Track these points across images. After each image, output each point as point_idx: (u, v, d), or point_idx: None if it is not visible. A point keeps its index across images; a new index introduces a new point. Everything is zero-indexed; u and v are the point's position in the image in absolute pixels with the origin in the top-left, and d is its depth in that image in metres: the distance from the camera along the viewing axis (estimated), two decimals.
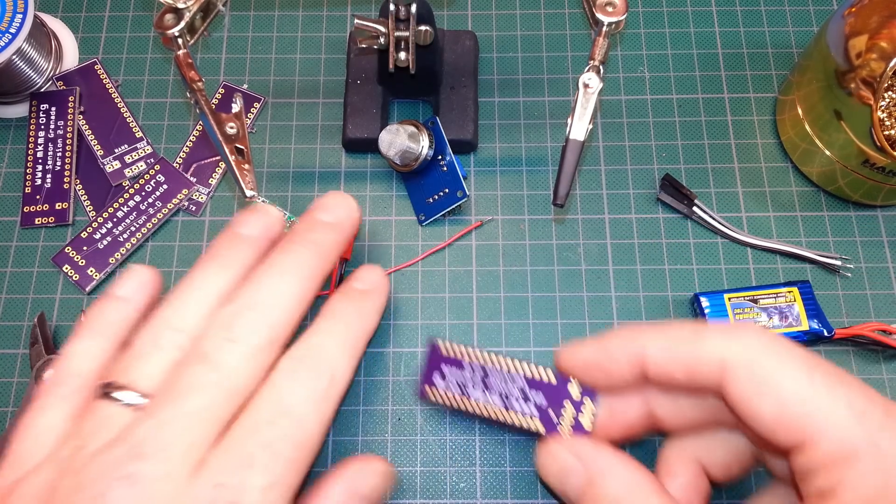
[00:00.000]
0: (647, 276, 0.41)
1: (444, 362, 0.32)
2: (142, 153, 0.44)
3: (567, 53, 0.47)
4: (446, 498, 0.37)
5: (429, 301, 0.41)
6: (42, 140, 0.44)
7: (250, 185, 0.33)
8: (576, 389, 0.31)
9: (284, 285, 0.27)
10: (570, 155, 0.32)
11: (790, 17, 0.47)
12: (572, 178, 0.32)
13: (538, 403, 0.31)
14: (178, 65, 0.31)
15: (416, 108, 0.45)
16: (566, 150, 0.32)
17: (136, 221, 0.42)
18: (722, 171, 0.44)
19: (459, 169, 0.41)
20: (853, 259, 0.42)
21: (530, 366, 0.32)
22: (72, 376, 0.27)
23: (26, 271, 0.42)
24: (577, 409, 0.30)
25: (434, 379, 0.32)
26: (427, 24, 0.38)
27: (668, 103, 0.45)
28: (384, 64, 0.40)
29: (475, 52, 0.45)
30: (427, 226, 0.43)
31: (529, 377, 0.31)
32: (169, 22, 0.30)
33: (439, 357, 0.33)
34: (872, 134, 0.36)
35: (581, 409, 0.30)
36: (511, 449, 0.38)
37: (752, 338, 0.25)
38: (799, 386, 0.24)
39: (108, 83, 0.46)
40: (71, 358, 0.28)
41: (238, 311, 0.27)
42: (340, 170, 0.44)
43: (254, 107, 0.45)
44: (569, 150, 0.32)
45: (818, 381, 0.24)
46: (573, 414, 0.30)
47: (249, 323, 0.26)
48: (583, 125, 0.32)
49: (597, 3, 0.31)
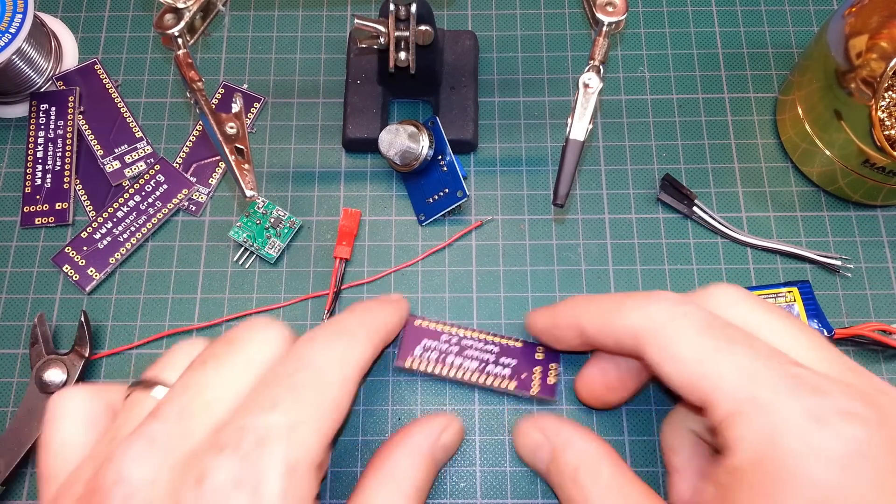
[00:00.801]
0: (647, 276, 0.41)
1: (424, 335, 0.37)
2: (142, 153, 0.44)
3: (567, 53, 0.47)
4: (446, 498, 0.37)
5: (429, 301, 0.41)
6: (42, 140, 0.44)
7: (250, 186, 0.33)
8: (541, 354, 0.37)
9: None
10: (570, 155, 0.32)
11: (790, 16, 0.47)
12: (572, 177, 0.32)
13: (510, 366, 0.36)
14: (178, 65, 0.31)
15: (416, 108, 0.45)
16: (566, 149, 0.32)
17: (136, 221, 0.42)
18: (722, 171, 0.44)
19: (459, 169, 0.41)
20: (853, 259, 0.42)
21: (502, 336, 0.37)
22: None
23: (26, 271, 0.42)
24: (545, 370, 0.36)
25: (414, 349, 0.36)
26: (427, 23, 0.38)
27: (669, 103, 0.45)
28: (384, 64, 0.40)
29: (475, 51, 0.45)
30: (427, 226, 0.43)
31: (502, 345, 0.37)
32: (169, 22, 0.30)
33: (418, 331, 0.37)
34: (872, 134, 0.36)
35: (548, 370, 0.36)
36: (511, 449, 0.38)
37: (659, 306, 0.27)
38: (694, 351, 0.25)
39: (108, 83, 0.46)
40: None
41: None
42: (341, 170, 0.44)
43: (254, 107, 0.45)
44: (569, 149, 0.32)
45: (710, 344, 0.25)
46: (540, 374, 0.36)
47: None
48: (583, 125, 0.32)
49: (597, 2, 0.31)
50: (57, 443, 0.25)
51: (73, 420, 0.26)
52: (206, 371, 0.25)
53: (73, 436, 0.26)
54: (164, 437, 0.22)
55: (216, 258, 0.42)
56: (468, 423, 0.38)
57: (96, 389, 0.27)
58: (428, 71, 0.42)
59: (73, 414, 0.26)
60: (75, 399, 0.26)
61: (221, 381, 0.24)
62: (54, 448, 0.25)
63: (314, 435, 0.23)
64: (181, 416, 0.23)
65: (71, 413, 0.26)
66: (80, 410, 0.26)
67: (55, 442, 0.25)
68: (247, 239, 0.41)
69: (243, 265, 0.42)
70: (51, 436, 0.26)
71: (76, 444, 0.25)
